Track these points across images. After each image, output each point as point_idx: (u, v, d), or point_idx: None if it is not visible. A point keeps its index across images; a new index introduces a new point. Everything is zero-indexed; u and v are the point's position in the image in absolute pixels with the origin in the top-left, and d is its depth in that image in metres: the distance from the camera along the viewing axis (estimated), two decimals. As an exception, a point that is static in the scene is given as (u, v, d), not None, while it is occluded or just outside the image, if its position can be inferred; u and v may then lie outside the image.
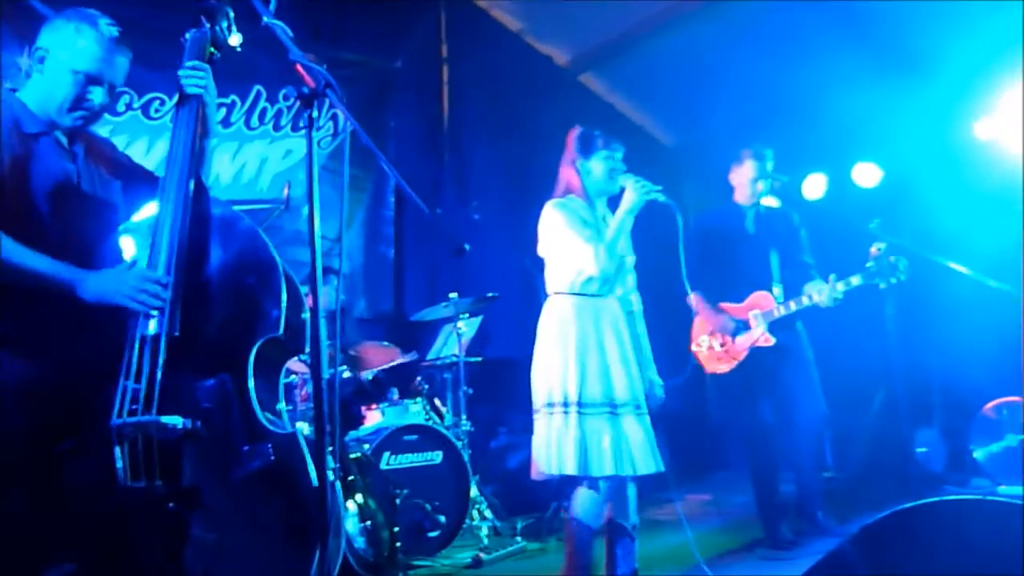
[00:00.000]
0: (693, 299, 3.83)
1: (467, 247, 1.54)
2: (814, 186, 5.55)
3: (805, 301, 3.69)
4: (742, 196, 3.92)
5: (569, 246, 2.85)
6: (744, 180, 3.89)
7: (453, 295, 4.30)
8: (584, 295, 2.86)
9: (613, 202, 2.96)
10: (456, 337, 4.32)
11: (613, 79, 6.33)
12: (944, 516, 1.48)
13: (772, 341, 3.75)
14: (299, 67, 1.60)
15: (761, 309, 3.82)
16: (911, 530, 1.49)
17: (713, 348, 3.82)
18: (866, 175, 5.41)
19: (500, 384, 5.17)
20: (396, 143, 5.57)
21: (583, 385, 2.74)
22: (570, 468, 2.65)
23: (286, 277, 1.97)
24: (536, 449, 2.78)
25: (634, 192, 2.79)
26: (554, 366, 2.78)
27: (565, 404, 2.73)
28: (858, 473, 4.81)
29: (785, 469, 3.76)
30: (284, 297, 1.93)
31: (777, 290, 3.84)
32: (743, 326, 3.81)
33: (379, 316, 5.44)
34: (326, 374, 1.50)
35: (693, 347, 3.89)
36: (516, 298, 5.30)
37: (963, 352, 4.69)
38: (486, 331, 5.08)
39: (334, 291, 4.74)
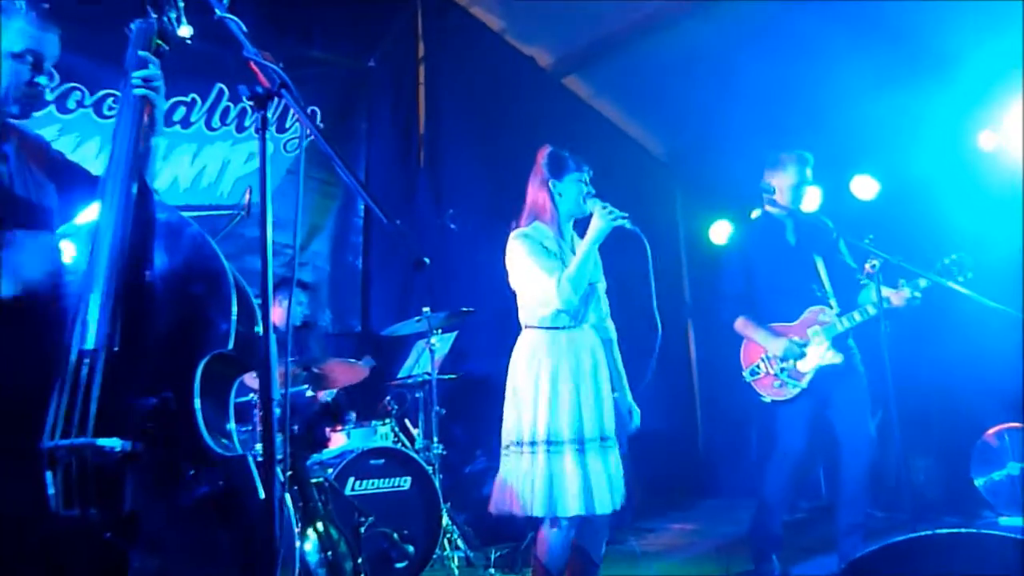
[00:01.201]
0: (741, 324, 3.80)
1: (427, 260, 1.52)
2: (809, 199, 5.67)
3: (871, 310, 3.63)
4: (779, 203, 3.85)
5: (533, 279, 2.87)
6: (784, 186, 3.83)
7: (426, 309, 4.29)
8: (555, 328, 2.89)
9: (581, 225, 2.98)
10: (429, 354, 4.29)
11: (600, 83, 6.33)
12: (939, 551, 1.46)
13: (840, 358, 3.69)
14: (253, 64, 1.61)
15: (820, 325, 3.75)
16: (904, 565, 1.46)
17: (771, 374, 3.73)
18: (864, 188, 5.48)
19: (476, 404, 5.14)
20: (368, 147, 5.64)
21: (553, 422, 2.77)
22: (537, 510, 2.70)
23: (237, 287, 1.94)
24: (499, 485, 2.82)
25: (600, 219, 2.80)
26: (524, 403, 2.81)
27: (532, 443, 2.77)
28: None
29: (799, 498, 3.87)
30: (234, 309, 1.89)
31: (833, 302, 3.78)
32: (804, 345, 3.73)
33: (346, 331, 5.49)
34: (276, 393, 1.49)
35: (747, 375, 3.82)
36: (494, 312, 4.88)
37: (963, 375, 4.72)
38: (461, 347, 5.08)
39: (296, 304, 4.78)
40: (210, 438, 1.87)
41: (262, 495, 1.63)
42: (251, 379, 3.25)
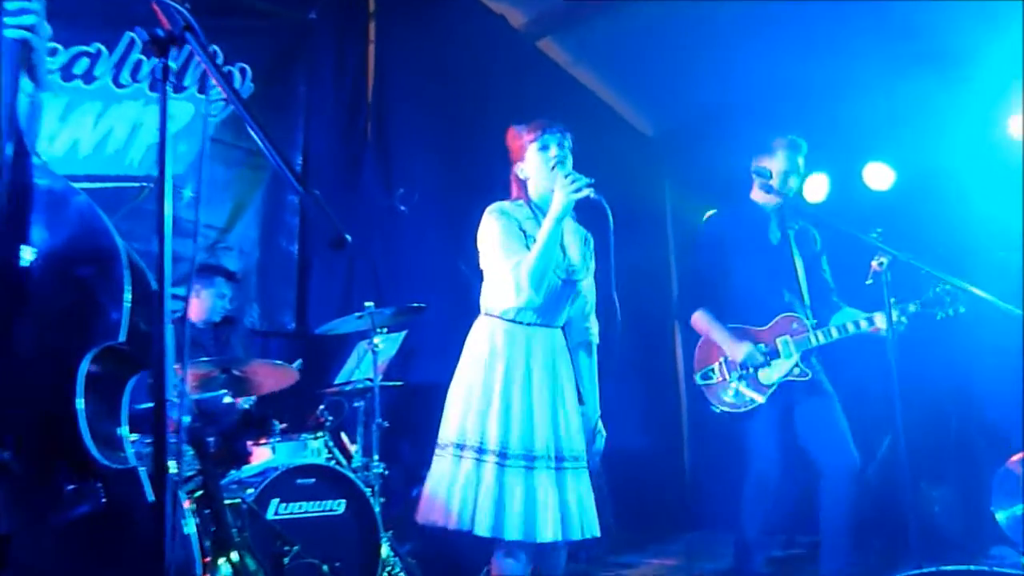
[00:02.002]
0: (699, 317, 3.87)
1: (348, 238, 1.52)
2: (815, 188, 5.65)
3: (851, 328, 3.74)
4: (760, 195, 3.92)
5: (495, 265, 2.95)
6: (773, 173, 3.87)
7: (369, 304, 4.29)
8: (516, 323, 2.94)
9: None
10: (372, 356, 4.28)
11: (580, 48, 6.34)
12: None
13: (808, 375, 3.79)
14: (154, 3, 1.55)
15: (792, 335, 3.83)
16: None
17: (726, 381, 3.82)
18: (878, 177, 5.52)
19: (426, 416, 4.68)
20: (307, 115, 5.57)
21: (506, 430, 2.82)
22: (482, 528, 2.73)
23: (134, 271, 1.90)
24: (433, 490, 2.86)
25: (561, 191, 2.82)
26: (474, 399, 2.86)
27: (481, 450, 2.82)
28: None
29: (778, 532, 3.95)
30: (128, 295, 1.85)
31: (808, 312, 3.86)
32: (769, 354, 3.81)
33: (276, 328, 5.44)
34: (171, 394, 1.45)
35: (698, 378, 3.90)
36: (449, 309, 5.31)
37: (984, 393, 4.86)
38: (411, 350, 5.10)
39: (218, 296, 4.73)
40: (94, 446, 1.81)
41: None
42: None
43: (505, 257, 2.91)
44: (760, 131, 4.07)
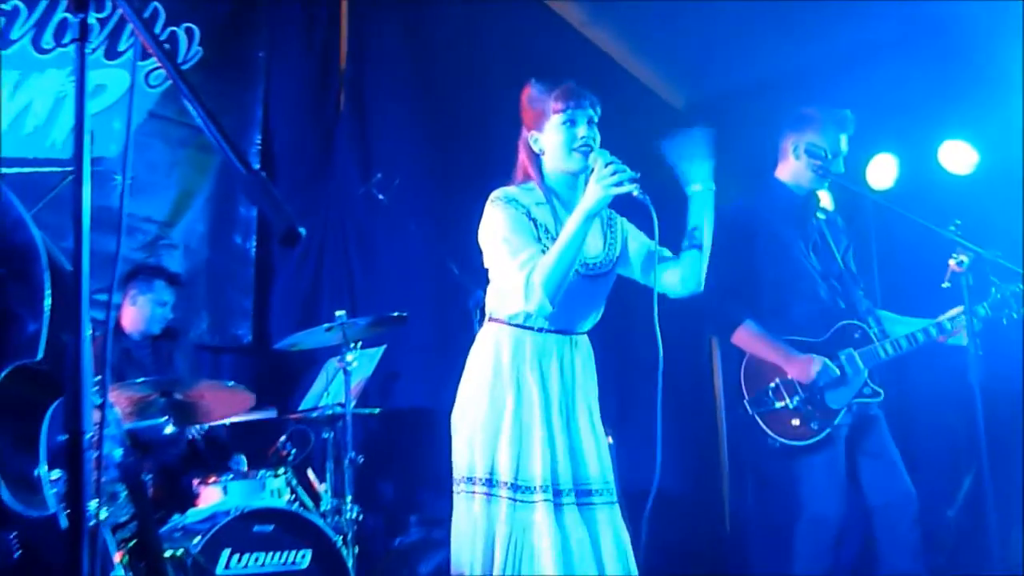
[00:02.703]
0: (745, 332, 3.84)
1: (301, 232, 1.48)
2: (880, 171, 5.56)
3: (921, 338, 3.77)
4: (798, 176, 3.93)
5: (501, 265, 2.97)
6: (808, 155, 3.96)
7: (340, 313, 4.27)
8: (526, 328, 2.98)
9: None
10: (344, 377, 4.28)
11: (597, 6, 6.29)
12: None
13: (881, 395, 3.81)
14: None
15: (857, 348, 3.83)
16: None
17: (790, 407, 3.77)
18: (957, 158, 5.40)
19: (410, 449, 5.26)
20: (267, 85, 5.54)
21: (519, 458, 2.85)
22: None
23: (56, 273, 1.88)
24: (455, 540, 2.89)
25: (597, 183, 2.84)
26: (480, 424, 2.90)
27: (490, 483, 2.86)
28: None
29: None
30: (47, 303, 1.84)
31: (871, 320, 3.88)
32: (831, 375, 3.77)
33: (229, 343, 5.35)
34: (88, 424, 1.39)
35: (749, 405, 3.86)
36: (437, 320, 5.41)
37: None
38: (390, 369, 5.13)
39: (158, 304, 4.66)
40: (5, 489, 1.79)
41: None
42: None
43: (511, 254, 2.93)
44: (811, 105, 4.03)
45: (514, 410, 2.91)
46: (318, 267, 5.60)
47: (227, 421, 4.45)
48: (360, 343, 4.40)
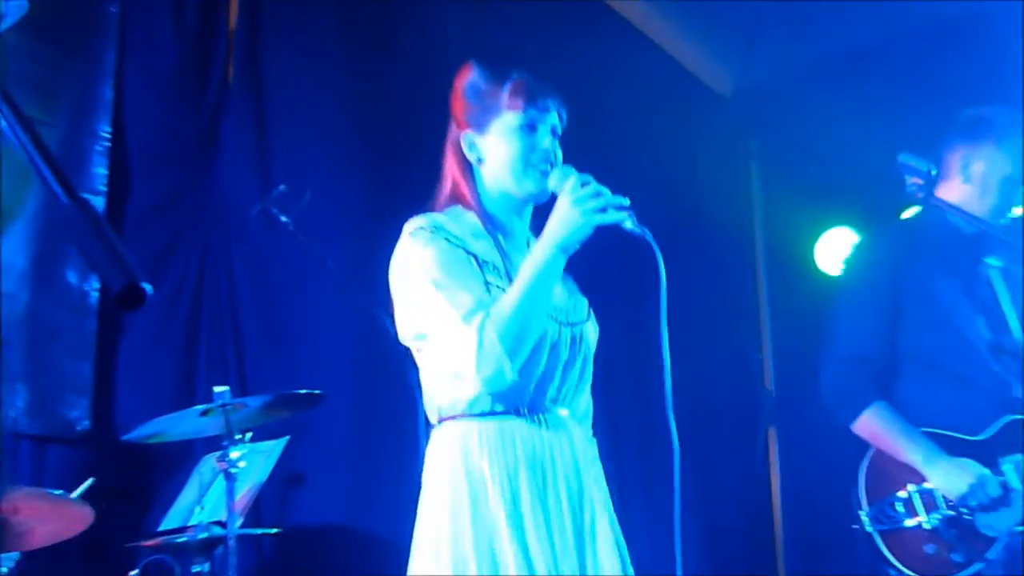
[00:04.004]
0: (873, 419, 3.92)
1: (146, 288, 1.40)
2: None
3: None
4: (966, 205, 4.01)
5: (438, 323, 2.97)
6: (980, 175, 4.03)
7: (222, 389, 4.25)
8: (495, 416, 3.01)
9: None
10: (225, 483, 4.27)
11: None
12: None
13: None
14: None
15: None
16: None
17: (925, 527, 3.80)
18: None
19: None
20: (121, 51, 5.34)
21: None
22: None
23: None
24: None
25: (575, 207, 2.85)
26: (444, 552, 2.94)
27: None
28: None
29: None
30: None
31: None
32: (989, 491, 3.80)
33: (58, 431, 5.13)
34: None
35: (865, 520, 3.88)
36: (364, 400, 5.58)
37: None
38: (295, 471, 5.17)
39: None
40: None
41: None
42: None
43: (451, 304, 2.93)
44: (987, 105, 4.20)
45: (512, 522, 2.93)
46: (191, 321, 5.41)
47: (53, 545, 4.18)
48: (250, 434, 4.38)
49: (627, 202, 2.87)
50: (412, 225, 3.04)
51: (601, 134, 5.98)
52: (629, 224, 2.84)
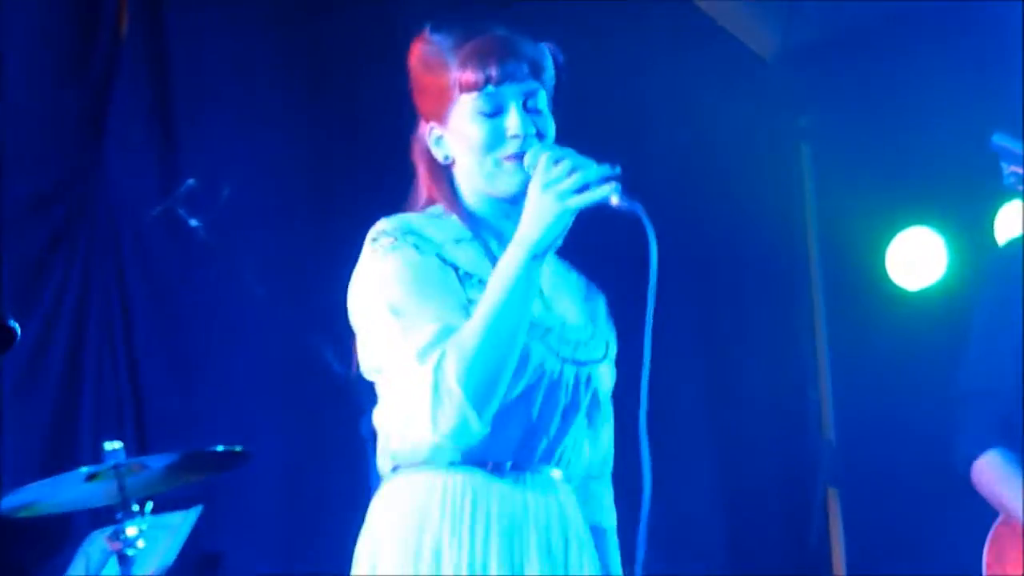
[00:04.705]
0: (990, 469, 4.00)
1: (15, 328, 1.60)
2: None
3: None
4: None
5: (395, 348, 2.84)
6: None
7: (114, 446, 4.19)
8: (463, 468, 2.93)
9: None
10: (118, 567, 4.30)
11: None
12: None
13: None
14: None
15: None
16: None
17: None
18: None
19: None
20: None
21: None
22: None
23: None
24: None
25: (543, 196, 2.77)
26: None
27: None
28: None
29: None
30: None
31: None
32: None
33: None
34: None
35: None
36: (300, 459, 5.64)
37: None
38: (212, 549, 5.19)
39: None
40: None
41: None
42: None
43: (404, 332, 2.89)
44: (993, 44, 4.06)
45: None
46: (72, 355, 5.32)
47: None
48: (151, 503, 4.38)
49: (615, 170, 2.80)
50: (375, 230, 2.98)
51: (612, 110, 6.07)
52: (616, 199, 2.77)
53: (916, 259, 6.78)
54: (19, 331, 1.60)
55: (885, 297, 6.86)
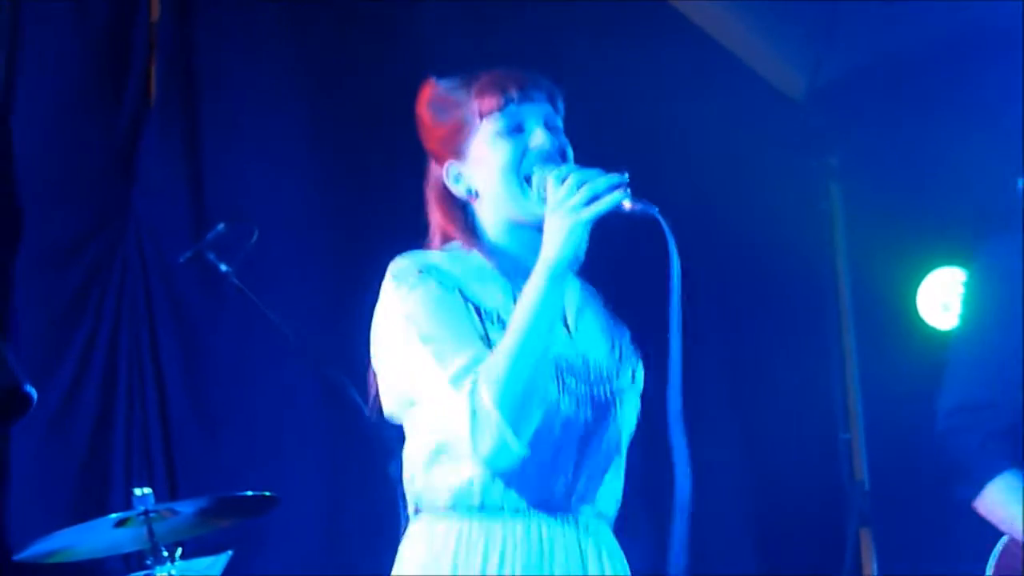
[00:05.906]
0: (999, 495, 3.73)
1: (31, 393, 1.62)
2: None
3: None
4: None
5: (428, 379, 2.85)
6: None
7: (144, 492, 4.28)
8: (481, 516, 2.92)
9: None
10: None
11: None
12: None
13: None
14: None
15: None
16: None
17: None
18: None
19: None
20: (12, 45, 5.35)
21: None
22: None
23: None
24: None
25: (556, 211, 2.81)
26: None
27: None
28: None
29: None
30: None
31: None
32: None
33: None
34: None
35: None
36: (334, 503, 5.68)
37: None
38: None
39: None
40: None
41: None
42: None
43: (439, 362, 2.88)
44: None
45: None
46: (103, 402, 5.35)
47: None
48: (180, 549, 4.45)
49: (623, 177, 2.84)
50: (395, 266, 3.02)
51: (641, 152, 6.09)
52: (628, 204, 2.81)
53: (947, 299, 6.76)
54: (35, 397, 1.62)
55: (917, 337, 6.89)
